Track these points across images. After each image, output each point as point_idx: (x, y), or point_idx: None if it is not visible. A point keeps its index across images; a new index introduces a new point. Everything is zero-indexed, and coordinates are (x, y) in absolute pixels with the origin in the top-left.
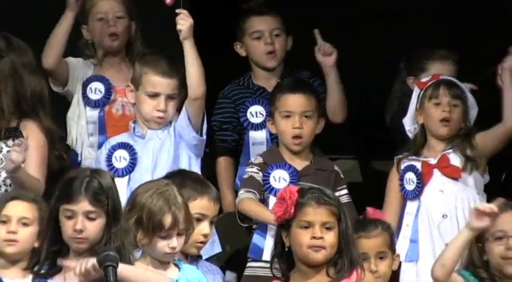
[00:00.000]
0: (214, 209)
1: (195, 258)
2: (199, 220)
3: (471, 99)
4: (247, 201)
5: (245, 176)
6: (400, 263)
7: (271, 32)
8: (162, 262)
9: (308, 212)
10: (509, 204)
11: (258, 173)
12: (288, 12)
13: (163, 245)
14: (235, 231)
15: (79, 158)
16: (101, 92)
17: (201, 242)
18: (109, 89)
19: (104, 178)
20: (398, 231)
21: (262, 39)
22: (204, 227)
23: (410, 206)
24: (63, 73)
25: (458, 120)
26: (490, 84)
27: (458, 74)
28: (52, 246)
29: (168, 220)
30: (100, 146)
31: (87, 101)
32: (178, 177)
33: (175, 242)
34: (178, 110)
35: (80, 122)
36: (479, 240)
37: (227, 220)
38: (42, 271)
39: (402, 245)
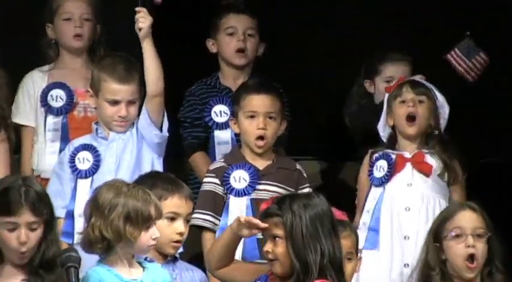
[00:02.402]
0: (187, 207)
1: (172, 260)
2: (173, 219)
3: (440, 98)
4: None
5: (202, 188)
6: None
7: (245, 30)
8: (129, 261)
9: None
10: (466, 204)
11: (213, 182)
12: (266, 20)
13: (147, 238)
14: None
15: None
16: (62, 99)
17: (177, 241)
18: (70, 95)
19: (36, 186)
20: None
21: (235, 36)
22: (178, 226)
23: (374, 192)
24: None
25: (425, 116)
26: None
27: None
28: None
29: (153, 211)
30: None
31: (49, 109)
32: (150, 179)
33: (157, 232)
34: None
35: (38, 134)
36: (436, 239)
37: None
38: None
39: (361, 232)
